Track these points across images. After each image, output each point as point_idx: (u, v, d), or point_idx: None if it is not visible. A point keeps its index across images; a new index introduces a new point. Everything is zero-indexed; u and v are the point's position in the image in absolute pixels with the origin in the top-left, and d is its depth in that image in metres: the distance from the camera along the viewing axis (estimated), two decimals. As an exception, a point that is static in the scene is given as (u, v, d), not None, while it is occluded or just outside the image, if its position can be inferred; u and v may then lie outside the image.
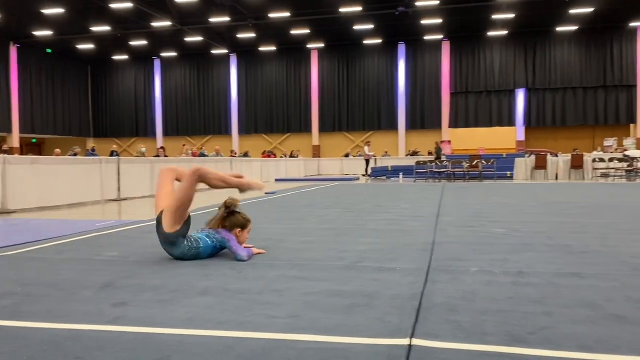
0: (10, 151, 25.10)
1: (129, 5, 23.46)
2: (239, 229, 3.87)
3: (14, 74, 30.29)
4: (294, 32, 29.18)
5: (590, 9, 25.26)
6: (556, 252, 3.95)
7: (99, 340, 2.05)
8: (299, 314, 2.39)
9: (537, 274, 3.20)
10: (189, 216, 3.82)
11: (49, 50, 32.59)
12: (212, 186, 3.98)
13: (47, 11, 24.44)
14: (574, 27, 28.87)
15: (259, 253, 3.93)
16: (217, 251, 3.85)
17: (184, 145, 24.55)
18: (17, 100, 30.43)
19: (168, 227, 3.68)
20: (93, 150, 18.73)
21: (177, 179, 3.98)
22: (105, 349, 1.96)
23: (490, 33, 29.87)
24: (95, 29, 27.82)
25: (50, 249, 4.37)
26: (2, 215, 7.94)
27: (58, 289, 2.93)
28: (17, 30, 28.41)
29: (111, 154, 19.75)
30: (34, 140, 34.20)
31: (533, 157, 19.29)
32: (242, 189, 3.97)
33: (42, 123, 32.24)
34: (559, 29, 29.03)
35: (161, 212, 3.73)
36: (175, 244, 3.70)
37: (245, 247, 3.85)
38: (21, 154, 28.13)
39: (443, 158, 21.41)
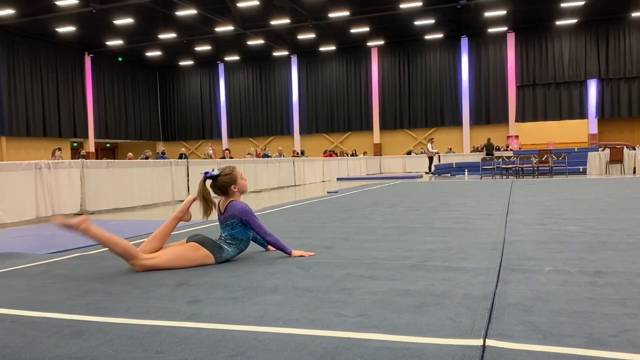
0: (87, 156, 26.54)
1: (194, 12, 24.24)
2: (233, 185, 3.78)
3: (89, 83, 32.02)
4: (353, 30, 29.16)
5: (669, -8, 23.72)
6: (637, 250, 3.74)
7: (178, 336, 2.14)
8: (368, 312, 2.39)
9: (617, 273, 3.04)
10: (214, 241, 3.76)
11: (120, 59, 34.21)
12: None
13: (118, 22, 25.67)
14: (651, 12, 27.20)
15: (308, 255, 3.86)
16: (246, 243, 3.80)
17: (248, 154, 25.06)
18: (92, 107, 32.15)
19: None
20: (163, 153, 19.47)
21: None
22: (184, 344, 2.04)
23: (559, 22, 28.65)
24: (163, 36, 28.96)
25: (128, 248, 4.58)
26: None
27: (136, 287, 3.08)
28: (91, 41, 30.02)
29: (180, 157, 20.47)
30: (108, 145, 36.00)
31: (608, 150, 18.33)
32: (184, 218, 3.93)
33: (115, 128, 33.91)
34: (635, 14, 27.43)
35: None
36: (231, 242, 3.75)
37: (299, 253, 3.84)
38: (96, 158, 29.71)
39: (510, 154, 20.73)
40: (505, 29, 29.85)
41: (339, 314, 2.39)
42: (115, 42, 30.05)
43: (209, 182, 3.85)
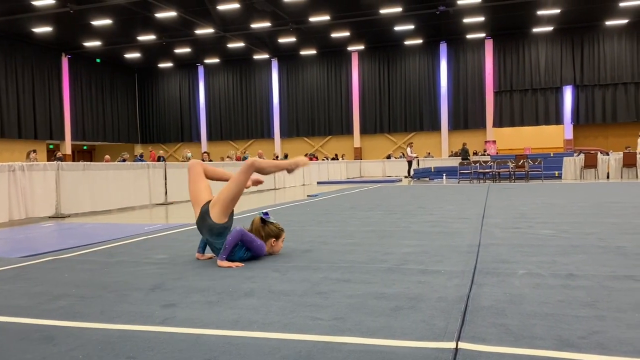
0: (63, 158, 26.11)
1: (173, 14, 24.08)
2: (274, 239, 3.97)
3: (66, 84, 31.55)
4: (334, 35, 29.26)
5: (641, 1, 24.29)
6: (609, 254, 3.82)
7: (151, 341, 2.12)
8: (344, 316, 2.40)
9: (588, 276, 3.10)
10: (233, 210, 3.90)
11: (98, 60, 33.80)
12: (266, 174, 4.05)
13: (96, 23, 25.36)
14: (624, 21, 27.82)
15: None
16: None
17: (227, 157, 24.95)
18: (69, 109, 31.67)
19: (217, 218, 3.75)
20: (141, 156, 19.26)
21: (205, 174, 4.07)
22: (156, 349, 2.02)
23: (535, 30, 29.14)
24: (142, 38, 28.70)
25: (102, 252, 4.53)
26: (57, 220, 8.28)
27: (110, 290, 3.04)
28: (68, 42, 29.60)
29: (158, 160, 20.28)
30: (85, 147, 35.50)
31: (582, 156, 18.68)
32: (291, 168, 4.01)
33: (92, 130, 33.44)
34: (608, 23, 28.04)
35: (207, 204, 3.81)
36: (222, 235, 3.76)
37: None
38: (73, 160, 29.29)
39: (487, 158, 20.99)
40: (483, 35, 30.25)
41: (314, 317, 2.39)
42: (93, 43, 29.67)
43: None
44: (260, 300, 2.73)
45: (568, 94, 29.62)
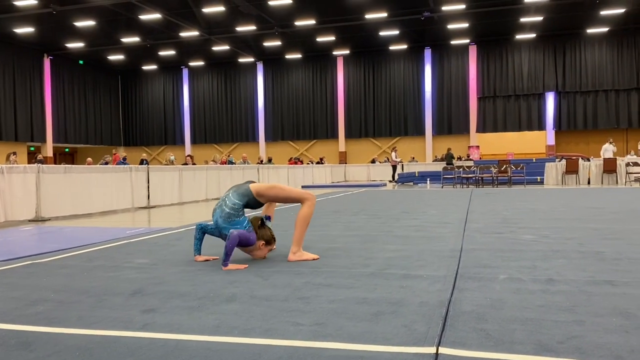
0: (44, 161, 25.72)
1: (158, 16, 23.94)
2: (263, 242, 4.02)
3: (48, 85, 31.18)
4: (319, 39, 29.33)
5: (621, 10, 24.73)
6: (588, 259, 3.86)
7: (130, 347, 2.09)
8: (325, 321, 2.39)
9: (568, 281, 3.13)
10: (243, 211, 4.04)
11: (81, 62, 33.46)
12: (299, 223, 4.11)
13: (80, 24, 25.12)
14: (604, 29, 28.30)
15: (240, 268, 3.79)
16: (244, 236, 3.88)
17: (212, 160, 24.86)
18: (51, 110, 31.29)
19: (255, 191, 4.00)
20: (124, 159, 19.07)
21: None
22: (135, 355, 2.00)
23: (518, 36, 29.50)
24: (126, 40, 28.48)
25: (82, 256, 4.47)
26: (37, 223, 8.16)
27: (89, 295, 3.00)
28: (50, 43, 29.26)
29: (141, 163, 20.11)
30: (67, 149, 35.08)
31: (564, 161, 18.92)
32: (294, 252, 4.09)
33: (74, 133, 33.07)
34: (590, 31, 28.50)
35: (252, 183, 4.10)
36: (230, 218, 3.90)
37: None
38: (55, 163, 28.91)
39: (470, 163, 21.16)
40: (467, 41, 30.55)
41: (296, 322, 2.38)
42: (76, 45, 29.37)
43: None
44: (241, 305, 2.71)
45: (550, 100, 30.02)
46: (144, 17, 24.24)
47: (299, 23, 26.01)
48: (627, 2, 23.80)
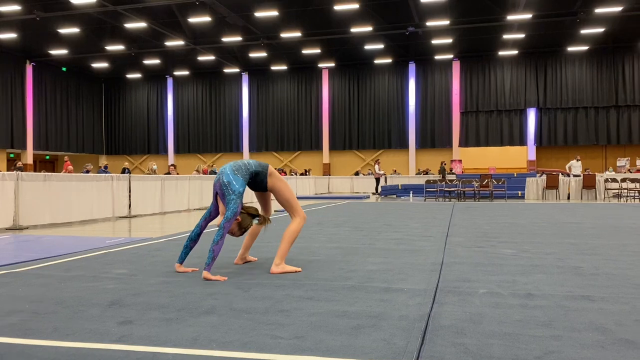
0: (23, 168, 25.33)
1: (144, 25, 23.85)
2: (239, 221, 3.95)
3: (30, 92, 30.82)
4: (305, 51, 29.47)
5: (601, 29, 25.27)
6: (566, 274, 3.91)
7: (105, 359, 2.06)
8: (304, 334, 2.38)
9: (546, 296, 3.16)
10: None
11: (64, 69, 33.15)
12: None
13: (64, 31, 24.92)
14: (585, 47, 28.88)
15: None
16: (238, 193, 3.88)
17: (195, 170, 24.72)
18: (32, 117, 30.90)
19: (271, 171, 4.07)
20: (106, 167, 18.88)
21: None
22: (109, 368, 1.96)
23: (501, 53, 29.96)
24: (110, 48, 28.31)
25: (60, 266, 4.40)
26: (14, 232, 8.01)
27: (65, 306, 2.95)
28: (33, 49, 28.97)
29: (123, 171, 19.94)
30: (47, 157, 34.62)
31: (544, 176, 19.17)
32: (277, 265, 4.07)
33: (56, 140, 32.67)
34: (570, 49, 29.06)
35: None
36: (256, 167, 4.01)
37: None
38: (35, 170, 28.50)
39: (453, 177, 21.34)
40: (451, 56, 30.93)
41: (275, 336, 2.36)
42: (59, 52, 29.11)
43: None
44: (220, 317, 2.69)
45: (532, 116, 30.46)
46: (129, 25, 24.15)
47: (284, 35, 26.13)
48: (606, 22, 24.35)
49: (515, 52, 29.76)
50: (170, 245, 5.75)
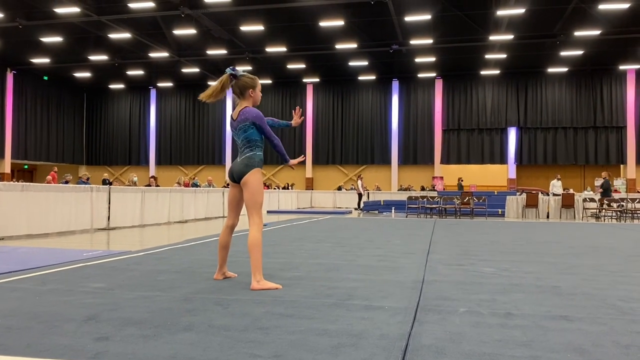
0: (1, 177, 24.92)
1: (128, 36, 23.76)
2: (251, 90, 4.06)
3: (9, 100, 30.38)
4: (290, 66, 29.60)
5: (580, 52, 25.84)
6: (545, 293, 3.94)
7: (78, 378, 2.01)
8: (284, 353, 2.35)
9: (525, 315, 3.18)
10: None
11: (45, 77, 32.79)
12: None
13: (46, 39, 24.70)
14: (564, 69, 29.47)
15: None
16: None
17: (176, 182, 24.54)
18: (11, 125, 30.43)
19: (253, 173, 4.11)
20: (87, 180, 18.61)
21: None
22: (83, 386, 1.92)
23: (483, 72, 30.41)
24: (93, 57, 28.11)
25: (35, 279, 4.31)
26: (-11, 243, 7.84)
27: (40, 321, 2.88)
28: (14, 57, 28.63)
29: (104, 182, 19.70)
30: (26, 166, 34.07)
31: (524, 195, 19.39)
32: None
33: (35, 149, 32.19)
34: (550, 70, 29.63)
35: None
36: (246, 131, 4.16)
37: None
38: (12, 179, 28.00)
39: (434, 194, 21.44)
40: (433, 75, 31.31)
41: (253, 354, 2.33)
42: (41, 60, 28.81)
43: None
44: (199, 334, 2.65)
45: (512, 135, 30.88)
46: (113, 35, 24.03)
47: (270, 49, 26.23)
48: (585, 45, 24.90)
49: (497, 71, 30.25)
50: (150, 258, 5.67)
